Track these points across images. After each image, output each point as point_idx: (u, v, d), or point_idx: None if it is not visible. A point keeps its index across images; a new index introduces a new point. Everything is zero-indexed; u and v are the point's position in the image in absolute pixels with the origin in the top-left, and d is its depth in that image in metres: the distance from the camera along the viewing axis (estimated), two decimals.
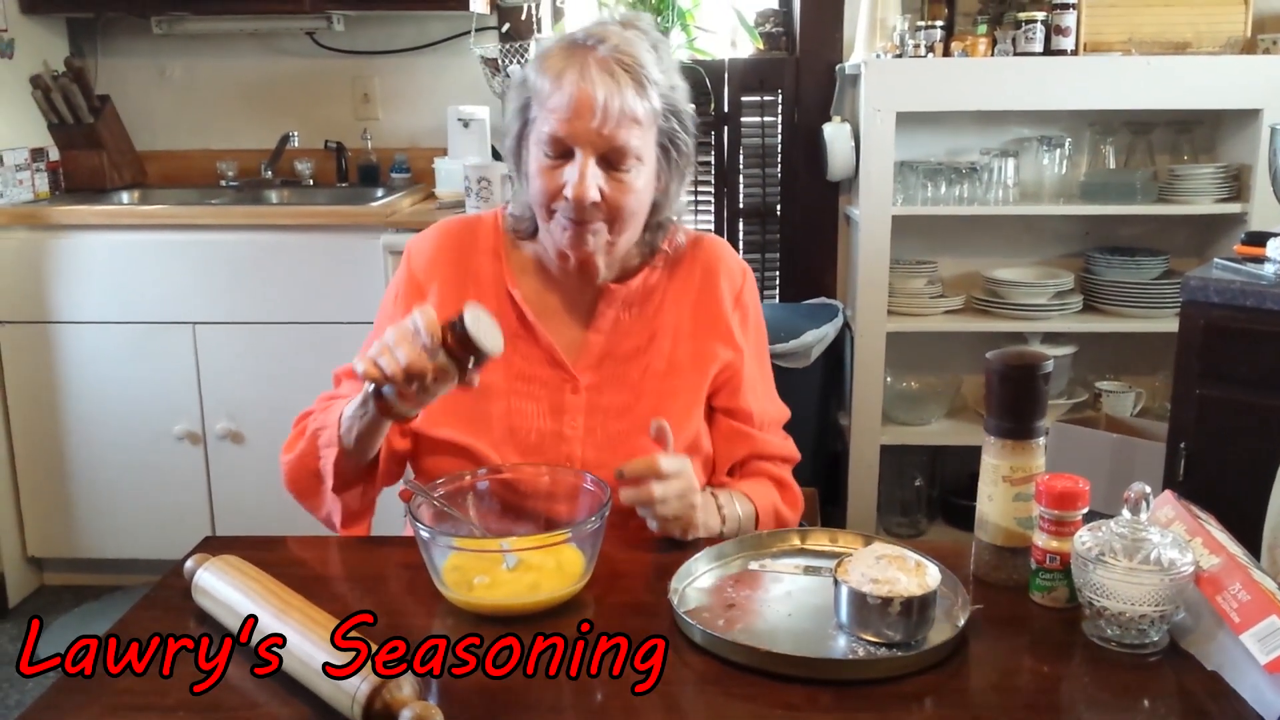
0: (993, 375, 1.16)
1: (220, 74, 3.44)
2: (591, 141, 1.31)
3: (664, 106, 1.36)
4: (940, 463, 3.30)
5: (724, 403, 1.48)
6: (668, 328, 1.45)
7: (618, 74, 1.30)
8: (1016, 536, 1.15)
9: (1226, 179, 2.96)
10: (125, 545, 3.08)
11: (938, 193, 3.06)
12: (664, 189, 1.42)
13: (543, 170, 1.34)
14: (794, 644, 1.04)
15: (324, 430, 1.34)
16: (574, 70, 1.30)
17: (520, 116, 1.39)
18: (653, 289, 1.47)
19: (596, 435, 1.40)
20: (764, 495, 1.47)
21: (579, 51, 1.32)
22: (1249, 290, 2.25)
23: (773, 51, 3.33)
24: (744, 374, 1.48)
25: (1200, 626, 1.03)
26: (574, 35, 1.35)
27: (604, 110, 1.29)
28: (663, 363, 1.43)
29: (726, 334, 1.47)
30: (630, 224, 1.38)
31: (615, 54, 1.31)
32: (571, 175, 1.32)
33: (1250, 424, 2.27)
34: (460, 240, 1.49)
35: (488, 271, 1.46)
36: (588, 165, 1.31)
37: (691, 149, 1.44)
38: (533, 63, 1.37)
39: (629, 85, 1.31)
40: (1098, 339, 3.16)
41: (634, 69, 1.31)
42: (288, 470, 1.40)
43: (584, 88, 1.29)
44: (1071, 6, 2.88)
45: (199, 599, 1.11)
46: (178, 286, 2.91)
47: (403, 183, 3.32)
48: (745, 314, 1.51)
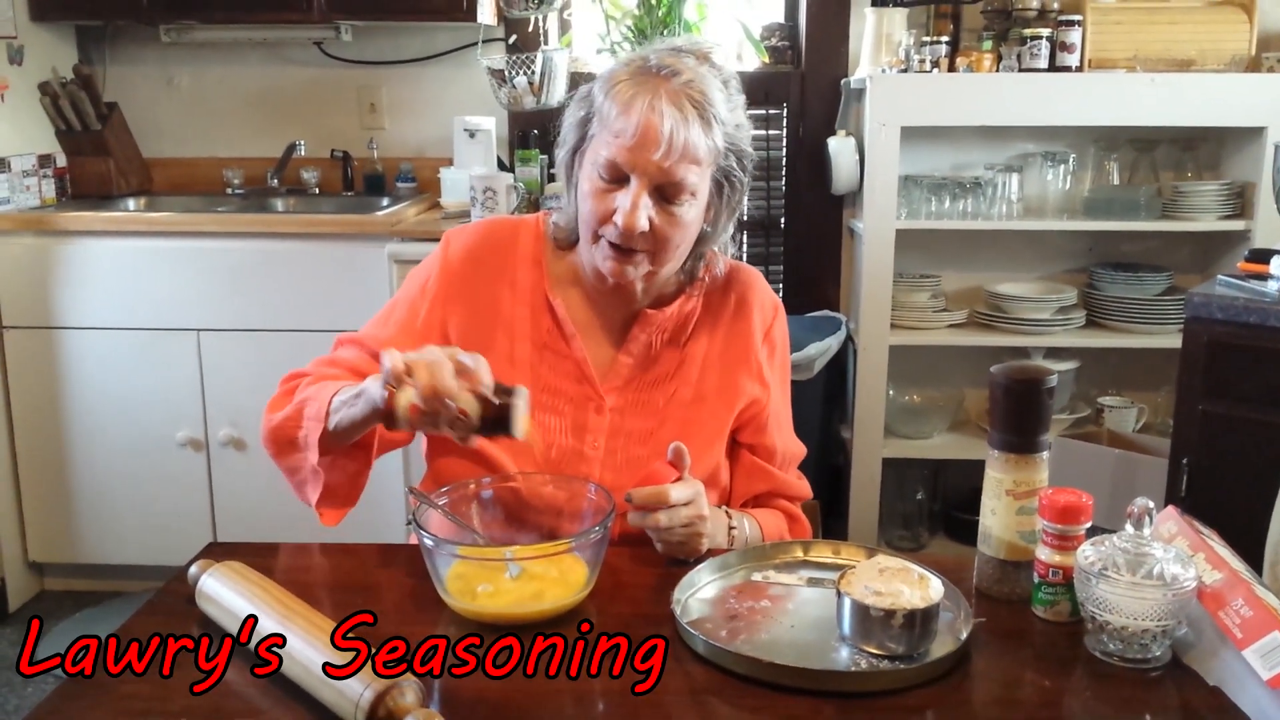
0: (997, 389, 1.16)
1: (228, 82, 3.46)
2: (650, 173, 1.29)
3: (726, 145, 1.35)
4: (942, 476, 3.30)
5: (749, 439, 1.49)
6: (697, 357, 1.45)
7: (687, 109, 1.28)
8: (1019, 550, 1.15)
9: (1230, 196, 2.96)
10: (126, 551, 3.08)
11: (942, 207, 3.06)
12: (712, 221, 1.41)
13: (596, 192, 1.33)
14: (797, 656, 1.04)
15: (311, 402, 1.30)
16: (644, 98, 1.28)
17: (579, 130, 1.37)
18: (687, 317, 1.46)
19: (617, 458, 1.39)
20: (773, 524, 1.49)
21: (651, 80, 1.30)
22: (1252, 307, 2.25)
23: (778, 65, 3.35)
24: (770, 411, 1.49)
25: (1202, 642, 1.03)
26: (647, 60, 1.32)
27: (669, 143, 1.27)
28: (689, 391, 1.43)
29: (756, 369, 1.47)
30: (673, 256, 1.37)
31: (687, 88, 1.29)
32: (624, 203, 1.30)
33: (1253, 440, 2.27)
34: (503, 242, 1.47)
35: (527, 278, 1.44)
36: (641, 195, 1.29)
37: (745, 186, 1.42)
38: (601, 81, 1.34)
39: (696, 121, 1.29)
40: (1101, 354, 3.17)
41: (703, 105, 1.30)
42: (269, 431, 1.36)
43: (651, 119, 1.27)
44: (1077, 23, 2.89)
45: (203, 604, 1.11)
46: (182, 293, 2.92)
47: (408, 192, 3.33)
48: (774, 350, 1.51)
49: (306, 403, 1.31)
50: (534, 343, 1.41)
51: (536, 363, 1.40)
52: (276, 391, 1.41)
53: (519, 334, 1.42)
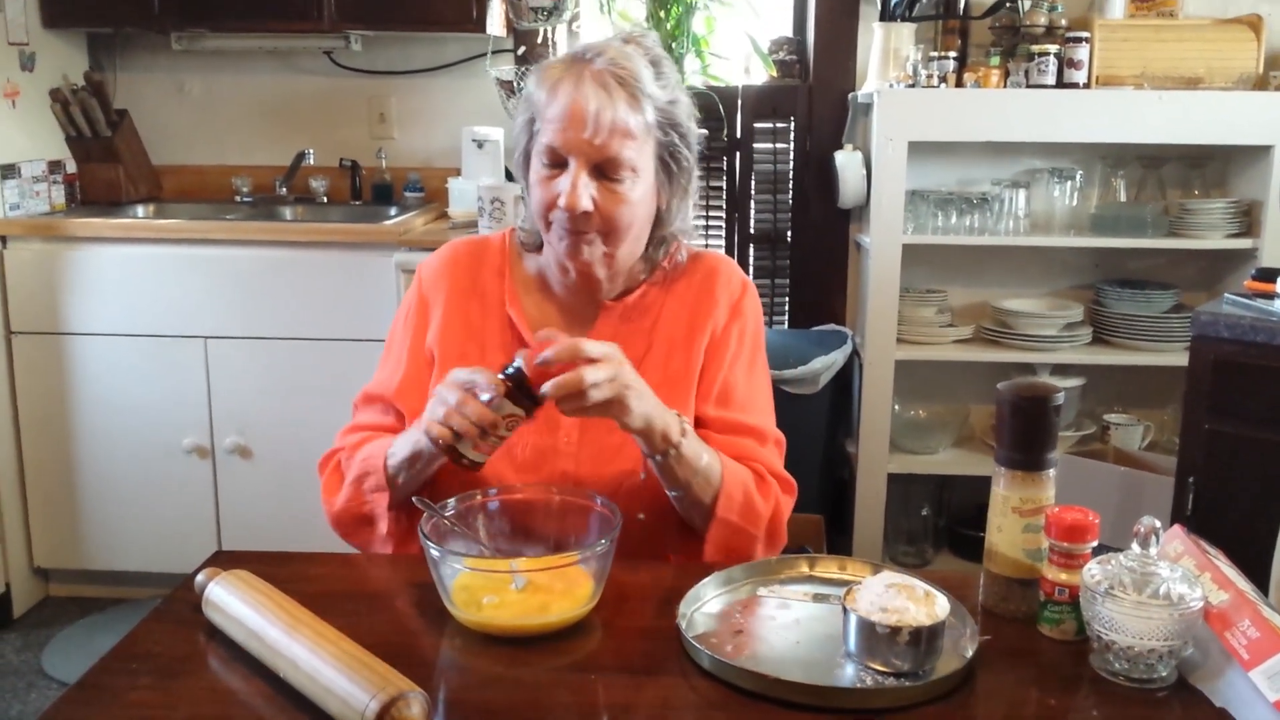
0: (1004, 406, 1.16)
1: (238, 91, 3.47)
2: (584, 151, 1.33)
3: (660, 120, 1.38)
4: (947, 492, 3.30)
5: (710, 411, 1.45)
6: (663, 340, 1.46)
7: (611, 86, 1.33)
8: (1025, 568, 1.15)
9: (1237, 214, 2.96)
10: (131, 558, 3.09)
11: (948, 222, 3.07)
12: (665, 204, 1.44)
13: (541, 180, 1.38)
14: (802, 671, 1.04)
15: (369, 476, 1.37)
16: (569, 82, 1.33)
17: (526, 131, 1.41)
18: (650, 304, 1.48)
19: (590, 449, 1.41)
20: (736, 471, 1.39)
21: (576, 64, 1.35)
22: (1259, 326, 2.25)
23: (786, 79, 3.36)
24: (732, 384, 1.46)
25: (1209, 662, 1.03)
26: (575, 49, 1.38)
27: (596, 120, 1.32)
28: (657, 375, 1.42)
29: (714, 340, 1.46)
30: (626, 236, 1.40)
31: (611, 66, 1.34)
32: (564, 185, 1.34)
33: (1259, 459, 2.26)
34: (468, 260, 1.52)
35: (492, 290, 1.49)
36: (580, 175, 1.34)
37: (693, 165, 1.45)
38: (533, 76, 1.40)
39: (622, 98, 1.33)
40: (1107, 371, 3.16)
41: (628, 82, 1.34)
42: (336, 518, 1.43)
43: (577, 99, 1.32)
44: (1084, 40, 2.90)
45: (209, 613, 1.11)
46: (190, 300, 2.92)
47: (416, 202, 3.34)
48: (744, 324, 1.50)
49: (363, 478, 1.38)
50: (504, 350, 1.44)
51: None
52: (321, 478, 1.47)
53: (489, 344, 1.46)
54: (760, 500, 1.39)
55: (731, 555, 1.37)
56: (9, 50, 3.02)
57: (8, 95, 3.01)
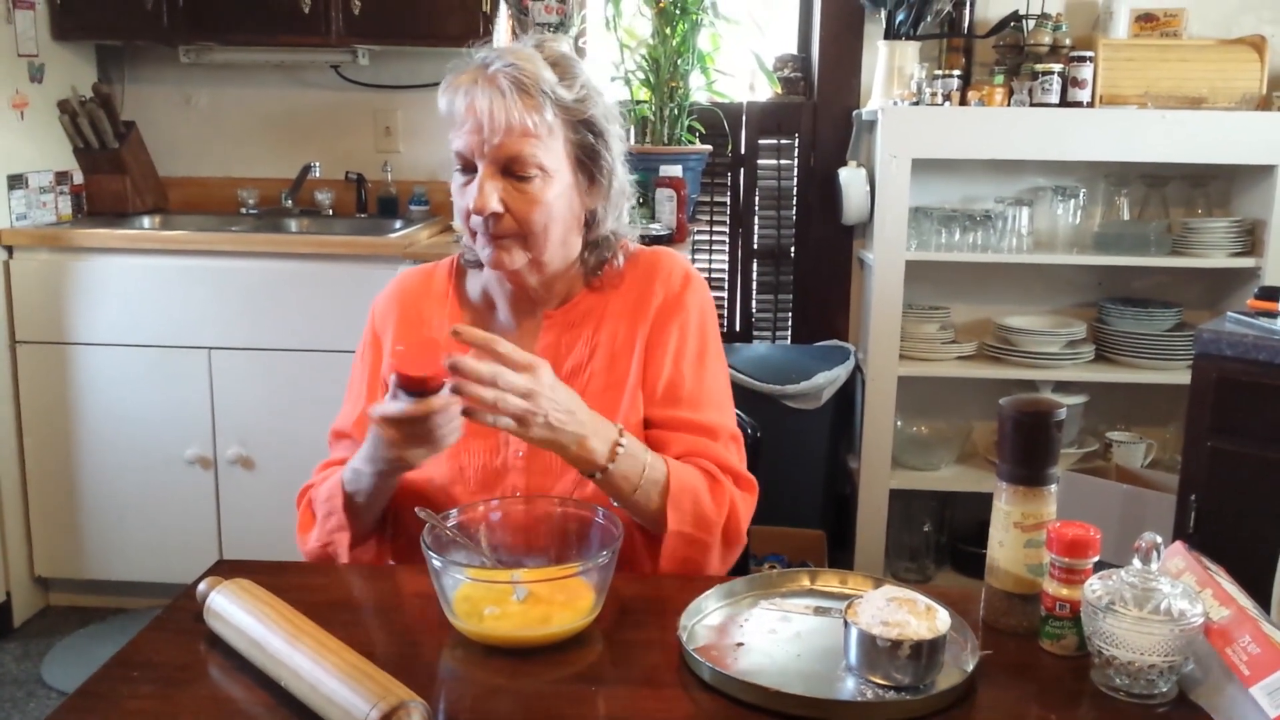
0: (1006, 422, 1.16)
1: (245, 104, 3.49)
2: (486, 154, 1.34)
3: (566, 118, 1.37)
4: (949, 509, 3.30)
5: (657, 411, 1.42)
6: (605, 346, 1.44)
7: (505, 87, 1.33)
8: (1027, 583, 1.15)
9: (1240, 233, 2.97)
10: (132, 568, 3.09)
11: (952, 239, 3.08)
12: (593, 206, 1.43)
13: (457, 189, 1.40)
14: (803, 684, 1.04)
15: (331, 516, 1.38)
16: (465, 86, 1.35)
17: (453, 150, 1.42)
18: (591, 309, 1.46)
19: (539, 461, 1.39)
20: (685, 474, 1.35)
21: (474, 70, 1.36)
22: (1262, 345, 2.25)
23: (791, 96, 3.37)
24: (681, 380, 1.42)
25: (1209, 678, 1.03)
26: (477, 58, 1.38)
27: (491, 119, 1.32)
28: (601, 381, 1.42)
29: (655, 339, 1.43)
30: (546, 238, 1.38)
31: (506, 69, 1.34)
32: (476, 186, 1.35)
33: (1261, 477, 2.26)
34: (414, 289, 1.54)
35: (436, 316, 1.50)
36: (487, 178, 1.35)
37: (615, 164, 1.43)
38: (441, 87, 1.40)
39: (517, 97, 1.33)
40: (1109, 389, 3.16)
41: (523, 81, 1.34)
42: (310, 555, 1.43)
43: (474, 101, 1.33)
44: (1088, 59, 2.91)
45: (211, 622, 1.11)
46: (195, 311, 2.93)
47: (421, 215, 3.35)
48: (685, 318, 1.45)
49: (328, 517, 1.39)
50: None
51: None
52: (298, 512, 1.47)
53: None
54: (712, 505, 1.35)
55: (688, 565, 1.34)
56: (18, 62, 3.04)
57: (16, 106, 3.02)
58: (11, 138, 3.01)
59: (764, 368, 3.06)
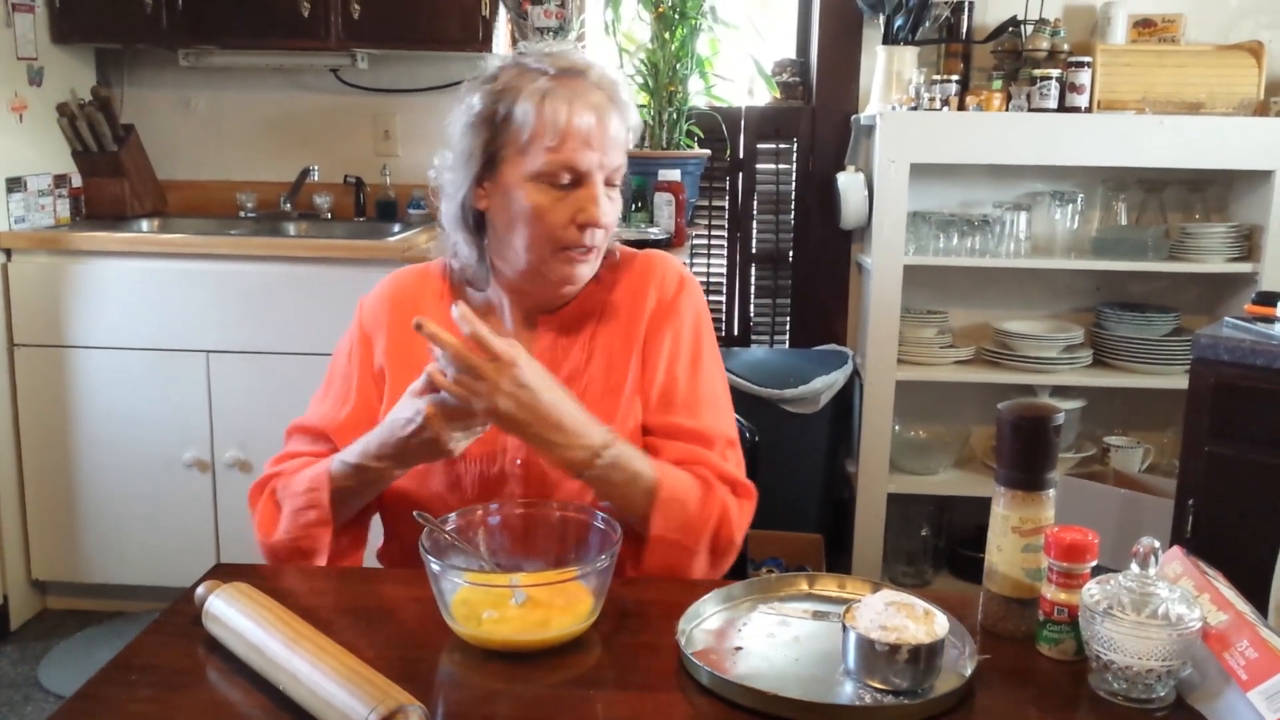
0: (1004, 426, 1.16)
1: (244, 107, 3.49)
2: (601, 165, 1.33)
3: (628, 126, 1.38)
4: (947, 513, 3.30)
5: (653, 418, 1.40)
6: (602, 349, 1.43)
7: (612, 97, 1.33)
8: (1024, 588, 1.15)
9: (1238, 239, 2.98)
10: (129, 571, 3.08)
11: (950, 244, 3.08)
12: None
13: (550, 205, 1.33)
14: (801, 689, 1.04)
15: (310, 510, 1.33)
16: (577, 98, 1.31)
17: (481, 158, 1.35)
18: (589, 311, 1.45)
19: (535, 469, 1.38)
20: (678, 479, 1.33)
21: (572, 80, 1.33)
22: (1259, 350, 2.26)
23: (789, 100, 3.38)
24: (675, 386, 1.41)
25: (1207, 683, 1.03)
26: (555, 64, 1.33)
27: (606, 134, 1.32)
28: (599, 386, 1.41)
29: (650, 345, 1.42)
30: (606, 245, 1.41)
31: (602, 82, 1.34)
32: (592, 201, 1.32)
33: (1259, 482, 2.26)
34: (409, 288, 1.49)
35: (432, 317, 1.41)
36: (601, 191, 1.33)
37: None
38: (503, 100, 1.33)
39: (619, 109, 1.34)
40: (1107, 394, 3.17)
41: (618, 93, 1.35)
42: (272, 549, 1.37)
43: (587, 115, 1.30)
44: (1086, 65, 2.92)
45: (209, 626, 1.11)
46: (193, 315, 2.93)
47: (419, 219, 3.35)
48: (679, 323, 1.43)
49: (304, 511, 1.34)
50: None
51: None
52: (254, 509, 1.41)
53: None
54: (700, 513, 1.33)
55: (672, 570, 1.33)
56: (18, 65, 3.04)
57: (15, 109, 3.02)
58: (10, 141, 3.01)
59: (762, 372, 3.06)
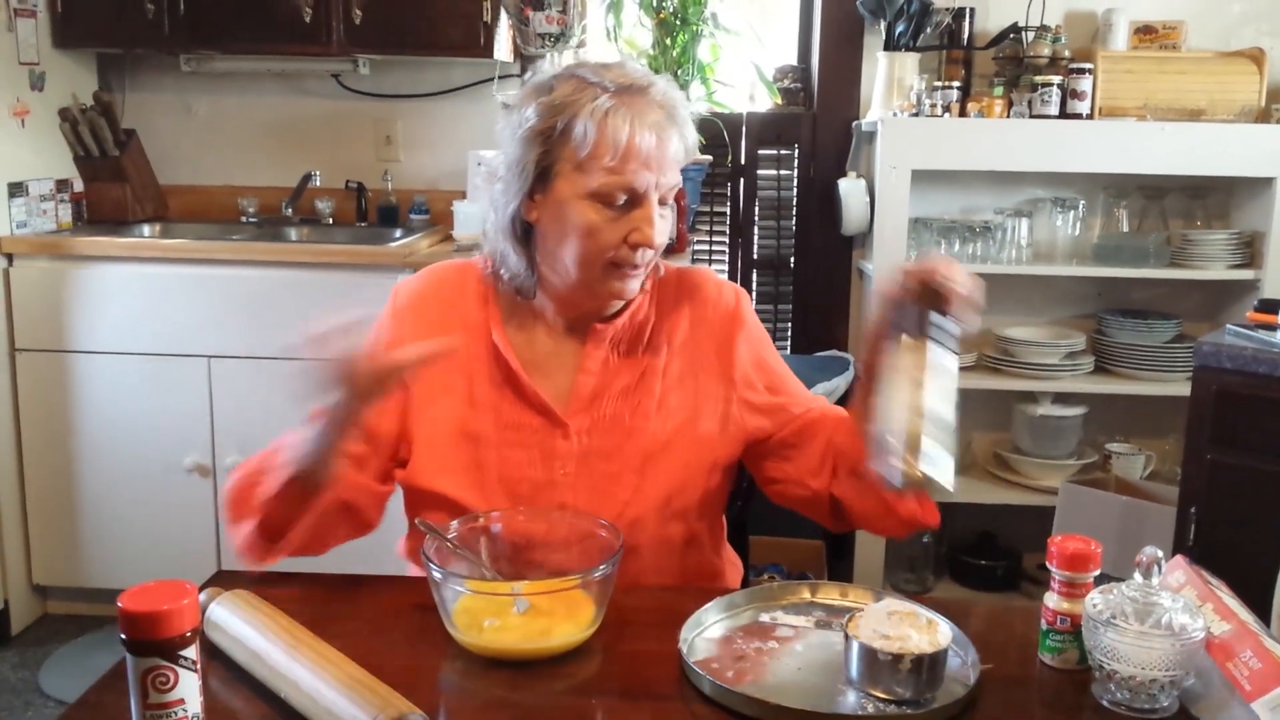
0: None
1: (245, 112, 3.49)
2: (659, 185, 1.31)
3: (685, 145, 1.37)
4: (948, 520, 3.28)
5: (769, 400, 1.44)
6: (658, 367, 1.42)
7: (672, 115, 1.31)
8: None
9: (1239, 245, 2.97)
10: (130, 576, 3.02)
11: (951, 250, 3.08)
12: None
13: (604, 223, 1.30)
14: (803, 699, 1.03)
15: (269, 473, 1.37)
16: (640, 116, 1.28)
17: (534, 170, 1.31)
18: (641, 325, 1.44)
19: (588, 479, 1.38)
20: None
21: (634, 97, 1.29)
22: (1261, 357, 2.26)
23: (791, 106, 3.38)
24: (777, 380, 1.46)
25: (1210, 693, 1.02)
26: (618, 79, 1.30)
27: (664, 155, 1.30)
28: (653, 401, 1.41)
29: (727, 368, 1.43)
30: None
31: (665, 98, 1.31)
32: (647, 221, 1.30)
33: (1261, 490, 2.26)
34: (450, 284, 1.46)
35: (475, 316, 1.43)
36: (657, 212, 1.32)
37: None
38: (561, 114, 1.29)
39: (678, 126, 1.32)
40: (1108, 400, 3.16)
41: (676, 109, 1.32)
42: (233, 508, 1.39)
43: (649, 134, 1.28)
44: (1088, 71, 2.92)
45: (210, 633, 1.11)
46: (194, 319, 2.93)
47: (421, 224, 3.35)
48: (748, 332, 1.47)
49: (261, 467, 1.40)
50: (492, 381, 1.40)
51: (498, 400, 1.39)
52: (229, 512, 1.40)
53: (478, 374, 1.40)
54: None
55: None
56: (19, 70, 3.04)
57: (17, 114, 3.03)
58: (12, 145, 3.01)
59: None
